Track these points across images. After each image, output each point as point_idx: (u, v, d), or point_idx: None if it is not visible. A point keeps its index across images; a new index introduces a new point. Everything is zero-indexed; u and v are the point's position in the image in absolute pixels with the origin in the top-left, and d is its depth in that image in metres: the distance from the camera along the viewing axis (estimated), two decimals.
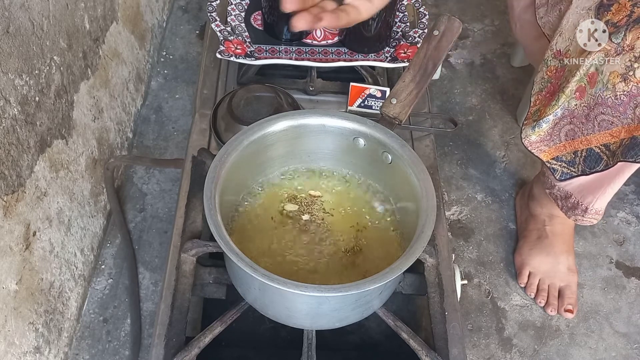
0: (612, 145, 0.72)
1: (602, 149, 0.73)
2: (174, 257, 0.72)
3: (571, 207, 0.92)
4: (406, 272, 0.63)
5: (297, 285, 0.55)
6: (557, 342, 0.98)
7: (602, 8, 0.71)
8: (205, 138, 0.87)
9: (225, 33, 0.92)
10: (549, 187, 0.94)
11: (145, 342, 0.91)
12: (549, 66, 0.76)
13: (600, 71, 0.70)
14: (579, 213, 0.92)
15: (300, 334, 0.68)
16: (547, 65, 0.77)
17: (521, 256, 1.04)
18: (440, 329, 0.70)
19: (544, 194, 0.99)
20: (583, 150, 0.75)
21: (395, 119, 0.72)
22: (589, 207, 0.90)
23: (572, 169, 0.77)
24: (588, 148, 0.75)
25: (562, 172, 0.79)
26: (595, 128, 0.72)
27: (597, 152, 0.74)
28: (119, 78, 1.04)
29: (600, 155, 0.74)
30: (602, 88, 0.70)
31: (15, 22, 0.66)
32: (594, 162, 0.75)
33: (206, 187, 0.62)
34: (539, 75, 0.78)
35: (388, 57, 0.94)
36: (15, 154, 0.69)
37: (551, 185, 0.93)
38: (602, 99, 0.70)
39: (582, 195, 0.89)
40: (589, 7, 0.72)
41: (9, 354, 0.71)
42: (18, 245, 0.71)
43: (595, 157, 0.74)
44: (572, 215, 0.93)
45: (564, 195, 0.92)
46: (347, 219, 0.73)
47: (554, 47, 0.76)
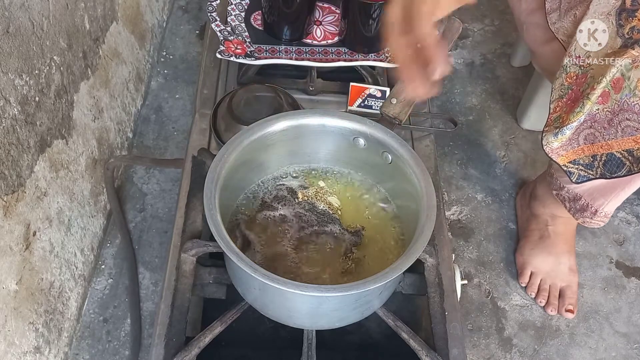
0: (635, 151, 0.71)
1: (625, 155, 0.72)
2: (174, 257, 0.72)
3: (580, 209, 0.91)
4: (406, 272, 0.63)
5: (297, 285, 0.56)
6: (557, 342, 0.98)
7: (625, 13, 0.70)
8: (205, 138, 0.87)
9: (225, 33, 0.92)
10: (557, 189, 0.93)
11: (145, 342, 0.91)
12: (568, 72, 0.75)
13: (626, 77, 0.69)
14: (587, 215, 0.91)
15: (300, 334, 0.68)
16: (566, 72, 0.75)
17: (523, 256, 1.04)
18: (440, 329, 0.70)
19: (548, 194, 0.99)
20: (603, 154, 0.74)
21: (395, 119, 0.72)
22: (599, 209, 0.89)
23: (590, 172, 0.76)
24: (608, 153, 0.74)
25: (578, 175, 0.77)
26: (618, 133, 0.72)
27: (618, 157, 0.73)
28: (119, 78, 1.04)
29: (622, 160, 0.73)
30: (628, 94, 0.69)
31: (15, 22, 0.66)
32: (615, 167, 0.74)
33: (206, 187, 0.62)
34: (557, 82, 0.76)
35: (388, 57, 0.94)
36: (15, 154, 0.69)
37: (559, 187, 0.92)
38: (628, 105, 0.69)
39: (592, 198, 0.88)
40: (608, 12, 0.71)
41: (9, 354, 0.71)
42: (18, 245, 0.71)
43: (616, 162, 0.74)
44: (580, 217, 0.92)
45: (572, 197, 0.91)
46: (347, 218, 0.73)
47: (572, 53, 0.74)
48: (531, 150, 1.22)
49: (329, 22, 0.98)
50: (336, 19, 0.99)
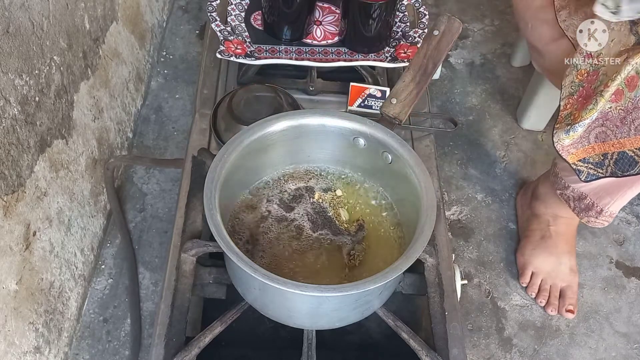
0: None
1: (637, 153, 0.72)
2: (174, 257, 0.72)
3: (585, 208, 0.91)
4: (406, 272, 0.63)
5: (297, 285, 0.55)
6: (557, 342, 0.98)
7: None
8: (205, 138, 0.87)
9: (225, 33, 0.92)
10: (561, 188, 0.92)
11: (145, 342, 0.91)
12: (579, 70, 0.74)
13: None
14: (592, 215, 0.90)
15: (300, 334, 0.68)
16: (577, 69, 0.75)
17: (524, 256, 1.04)
18: (440, 329, 0.70)
19: (550, 194, 0.98)
20: (614, 153, 0.74)
21: (395, 119, 0.72)
22: (605, 209, 0.89)
23: (600, 171, 0.76)
24: (620, 151, 0.73)
25: (588, 173, 0.77)
26: (631, 132, 0.71)
27: (630, 155, 0.73)
28: (119, 78, 1.04)
29: (634, 159, 0.73)
30: None
31: (15, 22, 0.66)
32: (627, 166, 0.74)
33: (206, 187, 0.62)
34: (567, 79, 0.76)
35: (388, 57, 0.94)
36: (15, 154, 0.69)
37: (564, 187, 0.92)
38: None
39: (598, 197, 0.88)
40: None
41: (9, 354, 0.71)
42: (18, 245, 0.71)
43: (628, 160, 0.73)
44: (585, 217, 0.92)
45: (577, 196, 0.91)
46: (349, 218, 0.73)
47: (584, 50, 0.74)
48: (531, 150, 1.22)
49: (329, 22, 0.98)
50: (336, 19, 0.99)
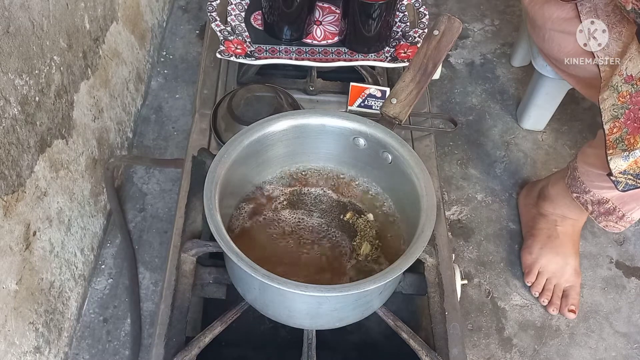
0: None
1: None
2: (174, 257, 0.72)
3: (604, 212, 0.90)
4: (406, 272, 0.63)
5: (297, 285, 0.55)
6: (557, 342, 0.98)
7: None
8: (205, 138, 0.87)
9: (225, 33, 0.92)
10: (579, 192, 0.91)
11: (145, 342, 0.91)
12: (620, 92, 0.74)
13: None
14: (612, 219, 0.90)
15: (300, 334, 0.68)
16: (618, 91, 0.75)
17: (532, 255, 1.03)
18: (440, 329, 0.70)
19: (562, 196, 0.98)
20: None
21: (395, 119, 0.72)
22: (627, 214, 0.88)
23: (638, 181, 0.76)
24: None
25: (626, 183, 0.77)
26: None
27: None
28: (119, 78, 1.04)
29: None
30: None
31: (15, 22, 0.66)
32: None
33: (206, 187, 0.62)
34: (608, 102, 0.75)
35: (388, 57, 0.94)
36: (15, 154, 0.69)
37: (583, 191, 0.91)
38: None
39: (622, 202, 0.87)
40: None
41: (9, 354, 0.71)
42: (18, 245, 0.71)
43: None
44: (604, 221, 0.91)
45: (597, 200, 0.90)
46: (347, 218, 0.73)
47: (624, 72, 0.74)
48: (531, 150, 1.22)
49: (329, 22, 0.98)
50: (336, 19, 0.99)
